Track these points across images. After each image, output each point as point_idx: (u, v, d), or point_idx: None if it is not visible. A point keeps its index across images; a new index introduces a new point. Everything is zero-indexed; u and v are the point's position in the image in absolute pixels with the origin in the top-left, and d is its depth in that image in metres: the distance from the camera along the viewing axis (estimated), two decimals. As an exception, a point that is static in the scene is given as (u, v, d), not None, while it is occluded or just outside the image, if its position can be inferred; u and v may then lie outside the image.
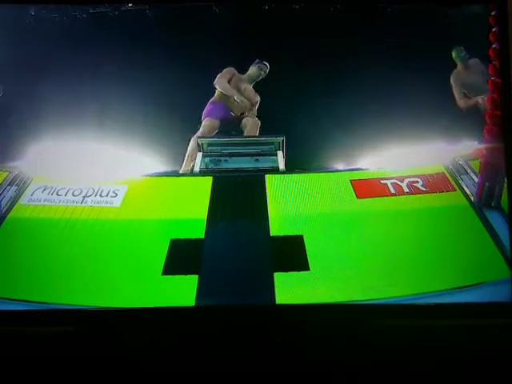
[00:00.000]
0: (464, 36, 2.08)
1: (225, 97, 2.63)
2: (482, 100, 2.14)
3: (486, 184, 1.95)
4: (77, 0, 2.10)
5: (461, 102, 2.23)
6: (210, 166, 2.47)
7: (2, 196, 1.98)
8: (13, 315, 1.61)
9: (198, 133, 2.43)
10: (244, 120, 2.63)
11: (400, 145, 2.08)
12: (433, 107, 2.13)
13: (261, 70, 2.60)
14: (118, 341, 1.59)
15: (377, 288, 1.66)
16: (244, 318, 1.63)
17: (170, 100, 2.21)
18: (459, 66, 2.21)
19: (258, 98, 2.63)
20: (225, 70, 2.56)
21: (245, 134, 2.60)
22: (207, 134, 2.51)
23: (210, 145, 2.51)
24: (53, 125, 2.03)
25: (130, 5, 2.12)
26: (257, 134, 2.54)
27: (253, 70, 2.62)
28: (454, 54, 2.18)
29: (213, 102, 2.57)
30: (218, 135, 2.47)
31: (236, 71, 2.66)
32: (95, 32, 2.16)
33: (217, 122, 2.58)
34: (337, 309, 1.64)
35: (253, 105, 2.67)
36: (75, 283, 1.68)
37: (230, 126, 2.57)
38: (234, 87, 2.64)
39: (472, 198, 2.01)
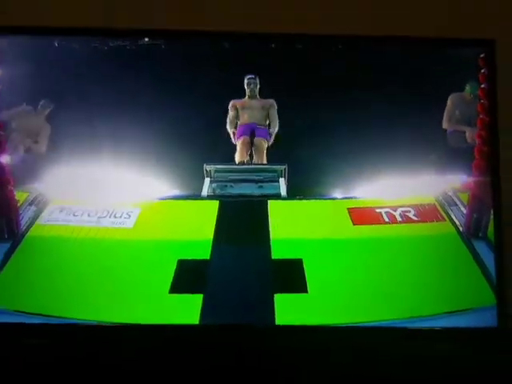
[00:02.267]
0: (455, 78, 2.20)
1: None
2: (470, 133, 2.19)
3: (474, 215, 2.04)
4: (95, 32, 2.20)
5: (449, 124, 2.30)
6: (217, 191, 2.61)
7: (22, 215, 2.08)
8: (29, 328, 1.70)
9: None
10: (254, 140, 2.82)
11: (394, 176, 2.18)
12: (427, 142, 2.23)
13: (248, 84, 2.80)
14: (125, 355, 1.66)
15: (371, 311, 1.73)
16: (245, 337, 1.71)
17: (183, 132, 2.33)
18: (467, 94, 2.24)
19: (271, 101, 2.79)
20: (229, 108, 2.77)
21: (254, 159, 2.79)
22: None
23: (217, 171, 2.65)
24: (69, 150, 2.14)
25: (146, 39, 2.25)
26: (263, 154, 2.71)
27: (246, 89, 2.83)
28: (467, 87, 2.22)
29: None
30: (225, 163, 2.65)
31: (236, 101, 2.85)
32: (112, 63, 2.28)
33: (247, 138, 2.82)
34: (333, 330, 1.72)
35: (268, 108, 2.85)
36: (87, 299, 1.76)
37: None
38: (242, 113, 2.85)
39: (461, 228, 2.10)
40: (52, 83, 2.27)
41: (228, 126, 2.77)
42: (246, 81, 2.74)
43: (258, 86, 2.76)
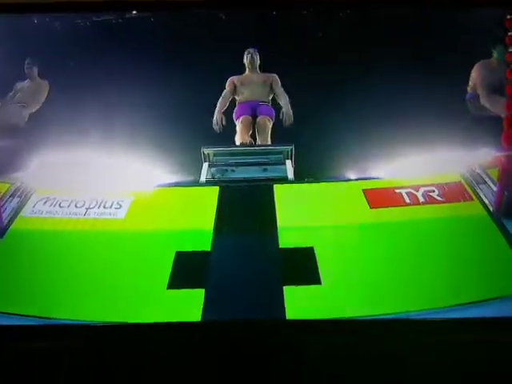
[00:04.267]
0: (480, 43, 2.03)
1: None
2: (498, 103, 2.07)
3: (505, 193, 1.88)
4: (81, 8, 2.06)
5: (474, 93, 2.14)
6: (217, 176, 2.45)
7: (4, 208, 1.95)
8: (11, 330, 1.54)
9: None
10: (257, 119, 2.63)
11: (415, 152, 2.03)
12: (448, 113, 2.07)
13: (247, 53, 2.63)
14: (119, 358, 1.49)
15: (392, 302, 1.57)
16: (253, 334, 1.53)
17: (174, 111, 2.18)
18: (494, 60, 2.15)
19: (273, 75, 2.64)
20: (226, 84, 2.59)
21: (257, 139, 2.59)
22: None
23: (216, 155, 2.47)
24: (54, 135, 2.01)
25: (134, 12, 2.09)
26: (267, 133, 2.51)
27: (245, 61, 2.65)
28: (494, 52, 2.14)
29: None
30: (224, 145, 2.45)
31: (234, 77, 2.67)
32: (99, 40, 2.14)
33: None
34: (350, 324, 1.56)
35: (271, 83, 2.67)
36: (77, 297, 1.62)
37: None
38: (241, 89, 2.66)
39: (490, 208, 1.94)
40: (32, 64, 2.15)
41: (218, 106, 2.57)
42: (245, 53, 2.57)
43: (259, 60, 2.59)
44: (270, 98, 2.66)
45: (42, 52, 2.16)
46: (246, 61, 2.61)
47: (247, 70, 2.65)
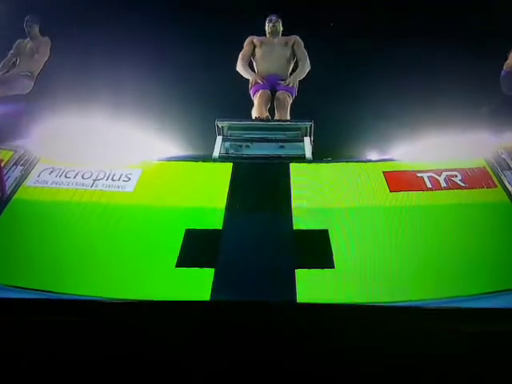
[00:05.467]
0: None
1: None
2: None
3: None
4: None
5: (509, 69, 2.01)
6: (231, 151, 2.35)
7: (7, 176, 1.86)
8: (11, 303, 1.49)
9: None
10: (277, 94, 2.53)
11: (438, 135, 1.93)
12: (474, 95, 1.96)
13: (269, 21, 2.57)
14: (125, 334, 1.46)
15: (408, 289, 1.52)
16: (263, 316, 1.48)
17: (186, 81, 2.07)
18: None
19: (294, 36, 2.55)
20: (245, 43, 2.46)
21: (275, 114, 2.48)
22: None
23: (230, 128, 2.36)
24: (61, 100, 1.91)
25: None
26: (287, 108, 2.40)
27: (267, 26, 2.59)
28: None
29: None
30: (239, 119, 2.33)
31: (255, 37, 2.56)
32: (110, 4, 2.02)
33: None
34: (363, 310, 1.50)
35: (293, 44, 2.58)
36: (81, 272, 1.57)
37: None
38: (261, 52, 2.56)
39: None
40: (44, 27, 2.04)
41: (239, 64, 2.45)
42: (266, 21, 2.44)
43: (281, 27, 2.46)
44: (291, 68, 2.53)
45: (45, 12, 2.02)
46: (267, 25, 2.49)
47: (268, 33, 2.56)
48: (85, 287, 1.51)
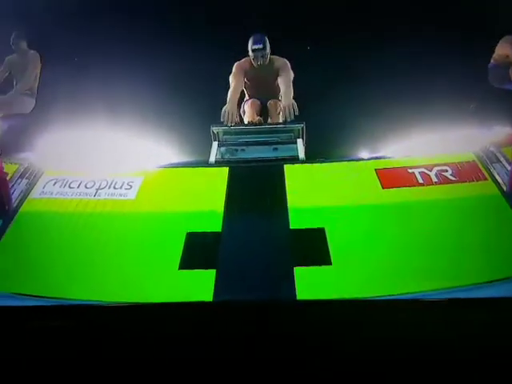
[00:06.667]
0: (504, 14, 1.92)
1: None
2: None
3: None
4: None
5: (497, 63, 2.04)
6: (226, 156, 2.40)
7: (13, 189, 1.92)
8: (22, 311, 1.55)
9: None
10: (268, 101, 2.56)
11: (427, 131, 1.96)
12: (462, 90, 1.99)
13: (255, 54, 2.55)
14: (131, 337, 1.51)
15: (403, 283, 1.57)
16: (264, 314, 1.54)
17: (185, 89, 2.11)
18: None
19: (282, 62, 2.56)
20: (232, 74, 2.48)
21: (268, 121, 2.52)
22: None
23: (225, 133, 2.41)
24: (62, 114, 1.96)
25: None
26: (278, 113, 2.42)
27: (253, 60, 2.59)
28: None
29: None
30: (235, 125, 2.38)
31: (241, 65, 2.57)
32: (103, 16, 2.06)
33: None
34: (361, 305, 1.55)
35: (278, 70, 2.59)
36: (88, 278, 1.63)
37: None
38: (249, 84, 2.59)
39: (504, 188, 1.89)
40: (39, 35, 2.07)
41: (230, 94, 2.47)
42: (250, 50, 2.45)
43: (268, 53, 2.46)
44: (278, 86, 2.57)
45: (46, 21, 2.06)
46: (253, 59, 2.50)
47: (253, 62, 2.56)
48: (93, 293, 1.56)
